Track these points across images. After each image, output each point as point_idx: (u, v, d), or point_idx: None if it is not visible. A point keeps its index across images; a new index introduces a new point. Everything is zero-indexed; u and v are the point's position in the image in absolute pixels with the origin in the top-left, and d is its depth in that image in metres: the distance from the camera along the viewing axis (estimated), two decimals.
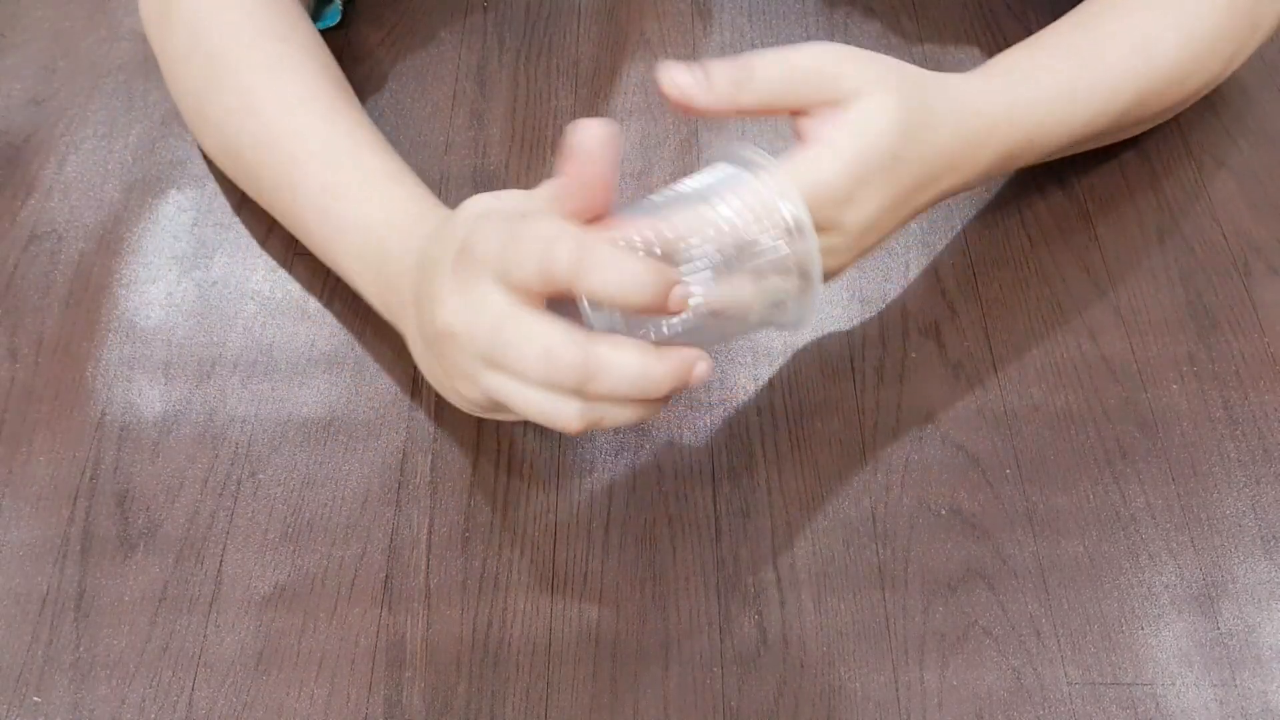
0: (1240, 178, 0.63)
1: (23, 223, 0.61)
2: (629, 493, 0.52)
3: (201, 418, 0.54)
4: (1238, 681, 0.48)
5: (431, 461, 0.53)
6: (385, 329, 0.56)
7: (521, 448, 0.54)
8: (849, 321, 0.58)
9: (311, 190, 0.54)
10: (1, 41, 0.69)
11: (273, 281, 0.59)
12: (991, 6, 0.71)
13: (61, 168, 0.63)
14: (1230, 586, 0.50)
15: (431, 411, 0.55)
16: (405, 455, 0.53)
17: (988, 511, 0.52)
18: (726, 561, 0.50)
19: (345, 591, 0.50)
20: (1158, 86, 0.57)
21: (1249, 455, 0.54)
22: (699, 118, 0.64)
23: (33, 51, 0.68)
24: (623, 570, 0.50)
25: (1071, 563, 0.50)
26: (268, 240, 0.60)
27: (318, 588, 0.50)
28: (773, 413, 0.55)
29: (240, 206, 0.61)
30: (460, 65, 0.68)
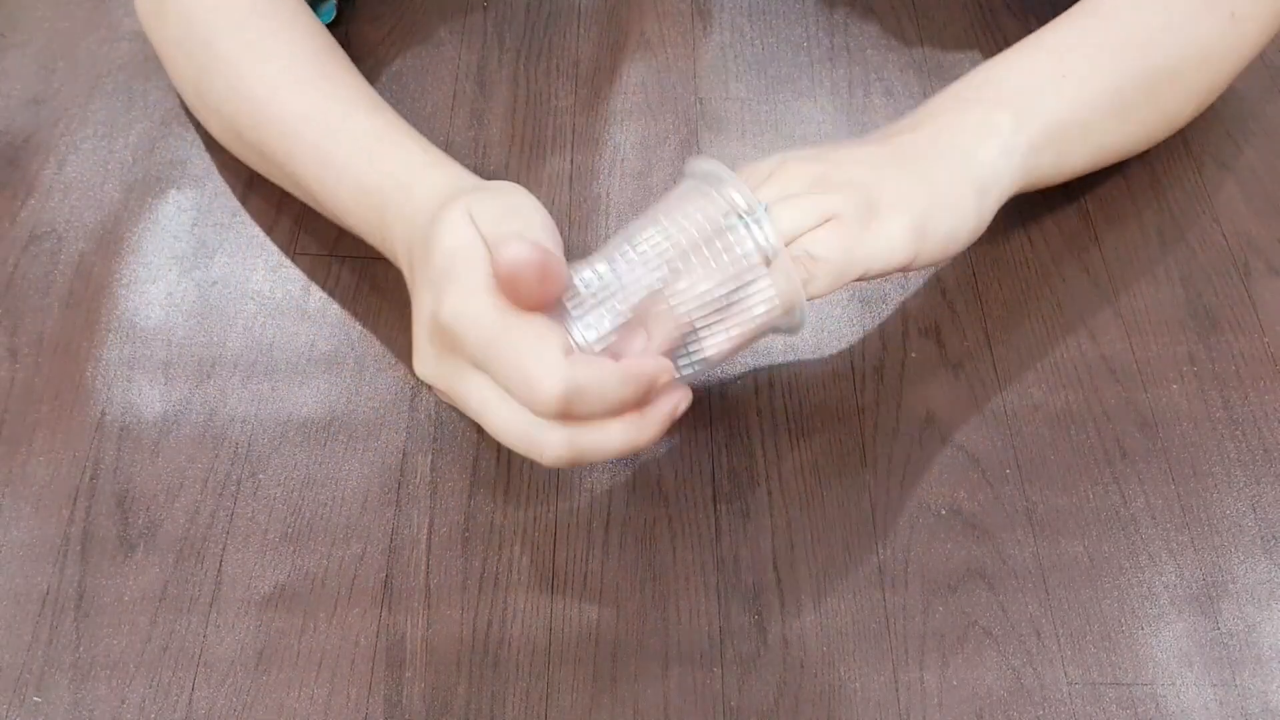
0: (1240, 178, 0.63)
1: (23, 223, 0.61)
2: (629, 493, 0.52)
3: (201, 418, 0.54)
4: (1238, 681, 0.48)
5: (431, 461, 0.53)
6: (385, 329, 0.56)
7: None
8: (849, 322, 0.58)
9: (308, 159, 0.54)
10: (1, 41, 0.69)
11: (273, 281, 0.59)
12: (991, 6, 0.71)
13: (61, 168, 0.63)
14: (1230, 586, 0.50)
15: (431, 411, 0.55)
16: (405, 455, 0.53)
17: (988, 511, 0.52)
18: (726, 561, 0.50)
19: (345, 591, 0.50)
20: (1151, 81, 0.57)
21: (1249, 455, 0.54)
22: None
23: (33, 51, 0.68)
24: (623, 570, 0.50)
25: (1071, 563, 0.50)
26: (268, 240, 0.60)
27: (318, 588, 0.50)
28: (773, 413, 0.55)
29: (240, 207, 0.61)
30: (460, 65, 0.68)
